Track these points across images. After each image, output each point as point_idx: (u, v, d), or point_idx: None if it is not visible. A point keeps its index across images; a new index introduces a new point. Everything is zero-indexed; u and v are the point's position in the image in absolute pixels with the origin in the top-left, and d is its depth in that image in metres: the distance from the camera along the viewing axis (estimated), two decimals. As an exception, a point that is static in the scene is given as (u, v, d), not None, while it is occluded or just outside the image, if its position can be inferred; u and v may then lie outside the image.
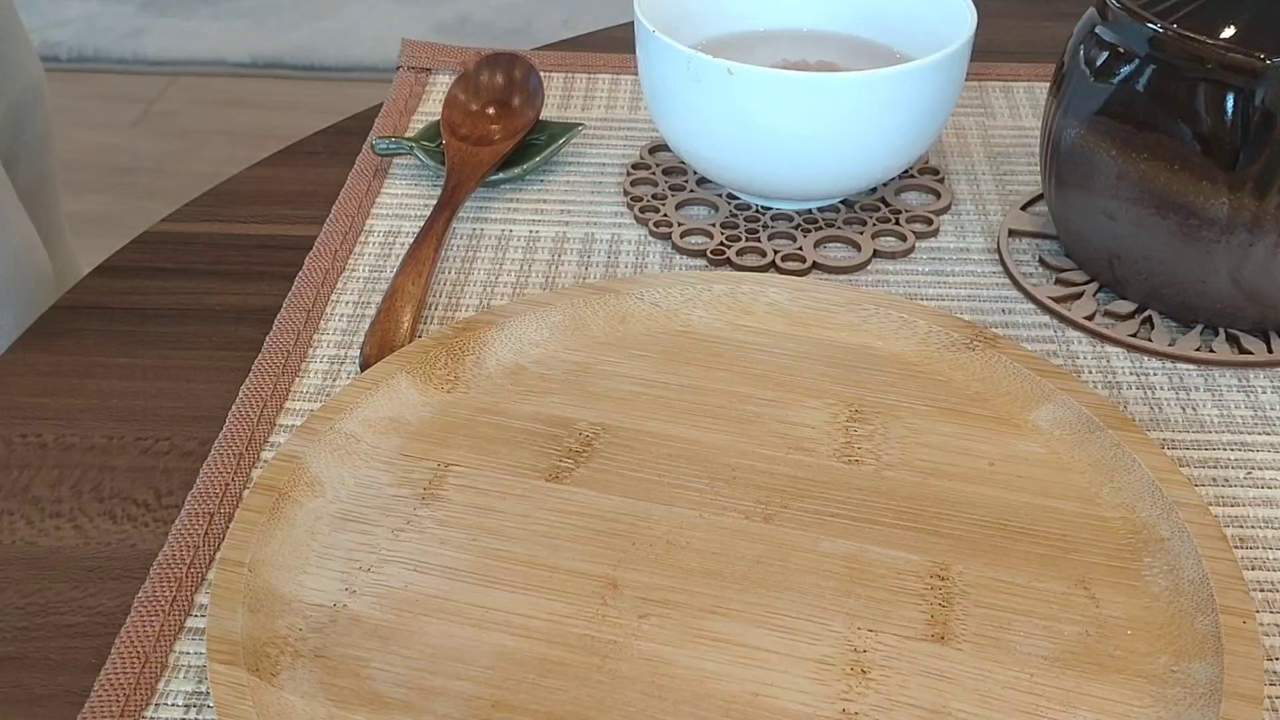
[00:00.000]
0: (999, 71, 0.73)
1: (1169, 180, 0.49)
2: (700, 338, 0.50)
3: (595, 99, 0.70)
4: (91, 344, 0.52)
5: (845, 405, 0.47)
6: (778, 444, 0.45)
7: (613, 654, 0.37)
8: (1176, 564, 0.40)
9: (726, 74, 0.53)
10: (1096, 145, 0.51)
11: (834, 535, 0.41)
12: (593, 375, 0.48)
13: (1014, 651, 0.38)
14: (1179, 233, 0.50)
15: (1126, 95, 0.50)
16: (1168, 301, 0.52)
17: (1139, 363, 0.51)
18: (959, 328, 0.49)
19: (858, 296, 0.51)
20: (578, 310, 0.50)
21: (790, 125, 0.54)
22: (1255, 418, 0.48)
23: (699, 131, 0.57)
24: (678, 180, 0.62)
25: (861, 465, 0.44)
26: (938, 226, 0.59)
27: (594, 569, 0.40)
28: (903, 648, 0.38)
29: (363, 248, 0.58)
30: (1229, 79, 0.47)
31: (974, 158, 0.65)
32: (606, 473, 0.44)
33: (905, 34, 0.62)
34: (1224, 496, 0.45)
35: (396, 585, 0.40)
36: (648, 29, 0.56)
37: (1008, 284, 0.56)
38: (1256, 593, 0.41)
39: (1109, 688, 0.37)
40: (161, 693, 0.38)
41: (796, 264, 0.56)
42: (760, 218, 0.59)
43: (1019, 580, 0.40)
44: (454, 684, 0.37)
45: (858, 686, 0.37)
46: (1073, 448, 0.45)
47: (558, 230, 0.59)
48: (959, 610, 0.39)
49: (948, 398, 0.47)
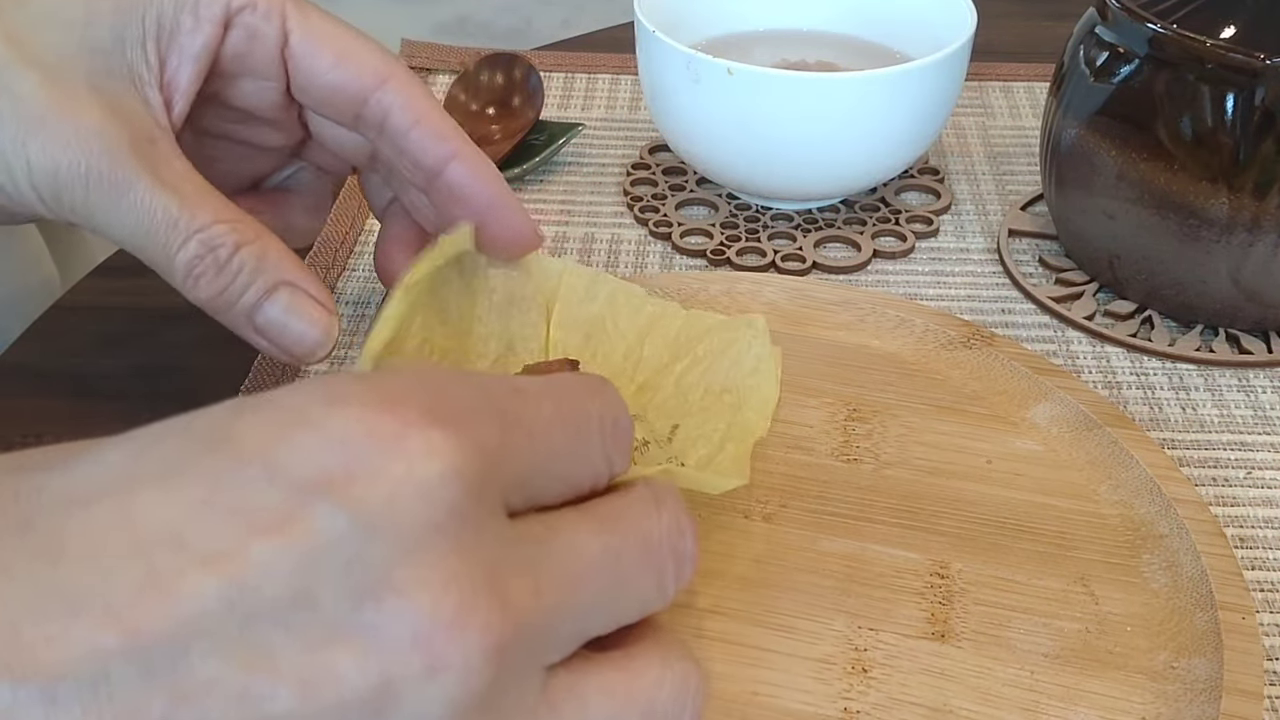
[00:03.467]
0: (999, 71, 0.73)
1: (1169, 180, 0.49)
2: (700, 337, 0.50)
3: (595, 99, 0.71)
4: (91, 344, 0.53)
5: (843, 404, 0.47)
6: (776, 443, 0.45)
7: (613, 653, 0.37)
8: (1175, 560, 0.40)
9: (726, 74, 0.53)
10: (1096, 145, 0.51)
11: (833, 534, 0.41)
12: (593, 375, 0.48)
13: (1014, 649, 0.38)
14: (1179, 233, 0.50)
15: (1126, 95, 0.50)
16: (1168, 301, 0.52)
17: (1139, 363, 0.51)
18: (956, 326, 0.49)
19: (854, 296, 0.51)
20: (578, 310, 0.50)
21: (790, 125, 0.54)
22: (1255, 418, 0.48)
23: (699, 131, 0.57)
24: (678, 180, 0.62)
25: (860, 464, 0.44)
26: (938, 226, 0.59)
27: (594, 568, 0.40)
28: (903, 646, 0.38)
29: (363, 248, 0.58)
30: (1229, 79, 0.47)
31: (974, 158, 0.65)
32: (606, 472, 0.44)
33: (905, 34, 0.62)
34: (1224, 496, 0.45)
35: (397, 584, 0.40)
36: (648, 29, 0.56)
37: (1008, 284, 0.56)
38: (1256, 592, 0.41)
39: (1109, 684, 0.37)
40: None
41: (796, 264, 0.56)
42: (760, 218, 0.60)
43: (1019, 578, 0.40)
44: (454, 683, 0.36)
45: (859, 685, 0.37)
46: (1071, 445, 0.45)
47: (558, 230, 0.59)
48: (959, 608, 0.39)
49: (945, 396, 0.47)
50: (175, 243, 0.37)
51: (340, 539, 0.21)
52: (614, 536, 0.26)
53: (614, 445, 0.27)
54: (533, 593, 0.24)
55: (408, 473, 0.22)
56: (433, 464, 0.22)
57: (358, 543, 0.21)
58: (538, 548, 0.24)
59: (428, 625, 0.22)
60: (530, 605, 0.23)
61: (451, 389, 0.24)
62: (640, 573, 0.27)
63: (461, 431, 0.23)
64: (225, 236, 0.37)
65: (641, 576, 0.27)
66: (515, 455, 0.24)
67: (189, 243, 0.37)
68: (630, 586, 0.26)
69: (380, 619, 0.21)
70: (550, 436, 0.25)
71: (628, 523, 0.26)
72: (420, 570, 0.22)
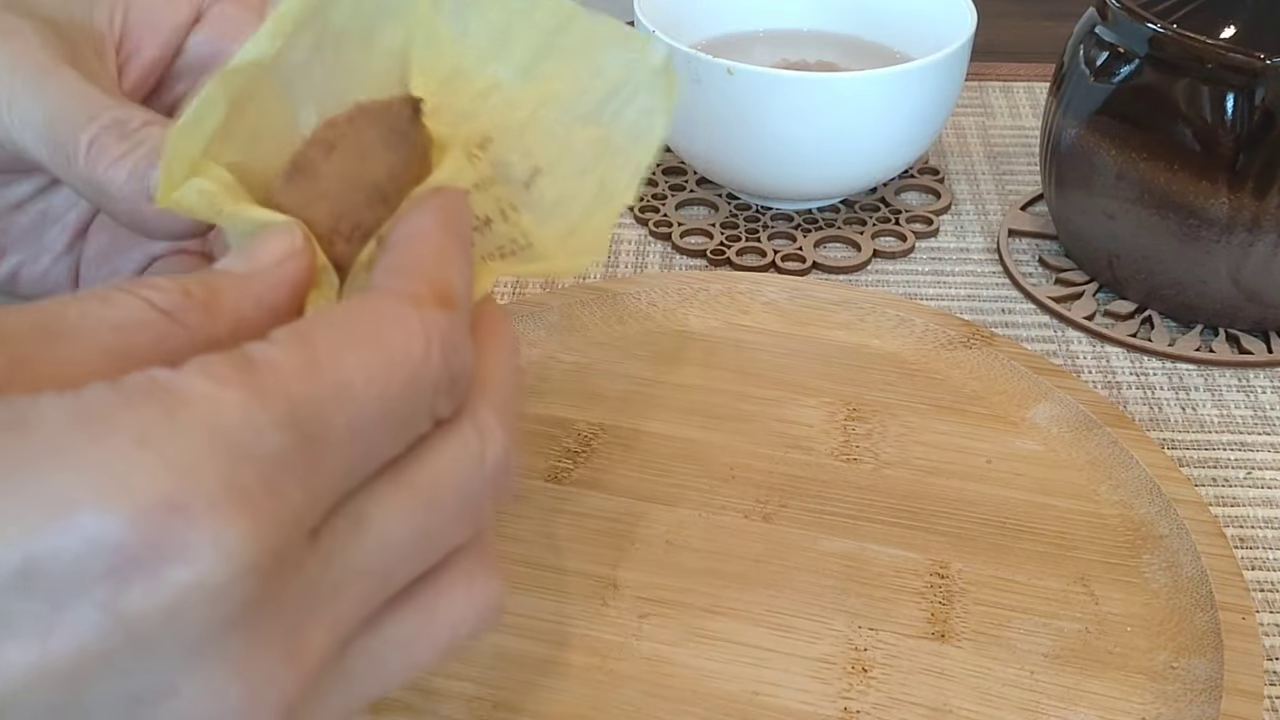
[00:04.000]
0: (999, 71, 0.73)
1: (1169, 180, 0.49)
2: (698, 337, 0.50)
3: (595, 100, 0.70)
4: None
5: (843, 404, 0.47)
6: (776, 443, 0.45)
7: (613, 654, 0.37)
8: (1175, 560, 0.40)
9: (726, 74, 0.53)
10: (1096, 145, 0.51)
11: (833, 534, 0.41)
12: (591, 375, 0.48)
13: (1014, 649, 0.38)
14: (1179, 233, 0.50)
15: (1126, 95, 0.50)
16: (1168, 301, 0.52)
17: (1139, 362, 0.51)
18: (956, 326, 0.49)
19: (854, 295, 0.51)
20: (575, 311, 0.50)
21: (790, 125, 0.54)
22: (1255, 418, 0.48)
23: (699, 131, 0.57)
24: (678, 180, 0.62)
25: (860, 464, 0.44)
26: (938, 226, 0.59)
27: (594, 569, 0.40)
28: (903, 646, 0.38)
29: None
30: (1229, 79, 0.47)
31: (974, 158, 0.65)
32: (605, 473, 0.44)
33: (905, 34, 0.62)
34: (1224, 496, 0.45)
35: (396, 584, 0.40)
36: (648, 29, 0.56)
37: (1008, 284, 0.56)
38: (1256, 593, 0.41)
39: (1109, 684, 0.37)
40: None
41: (796, 264, 0.56)
42: (760, 218, 0.60)
43: (1018, 578, 0.40)
44: (455, 685, 0.36)
45: (859, 685, 0.37)
46: (1070, 445, 0.45)
47: (557, 230, 0.59)
48: (959, 608, 0.39)
49: (945, 396, 0.47)
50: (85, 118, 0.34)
51: (113, 651, 0.20)
52: (430, 514, 0.25)
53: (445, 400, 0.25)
54: (333, 626, 0.23)
55: (195, 580, 0.20)
56: (224, 567, 0.20)
57: (134, 654, 0.20)
58: (343, 561, 0.23)
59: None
60: (326, 645, 0.23)
61: (246, 442, 0.21)
62: (455, 529, 0.25)
63: (260, 512, 0.21)
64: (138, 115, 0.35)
65: (456, 532, 0.26)
66: (323, 482, 0.22)
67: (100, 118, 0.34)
68: (443, 544, 0.25)
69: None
70: (367, 437, 0.23)
71: (447, 490, 0.25)
72: (209, 669, 0.21)
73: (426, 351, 0.24)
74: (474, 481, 0.25)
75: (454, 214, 0.27)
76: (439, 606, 0.26)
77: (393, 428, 0.24)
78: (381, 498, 0.24)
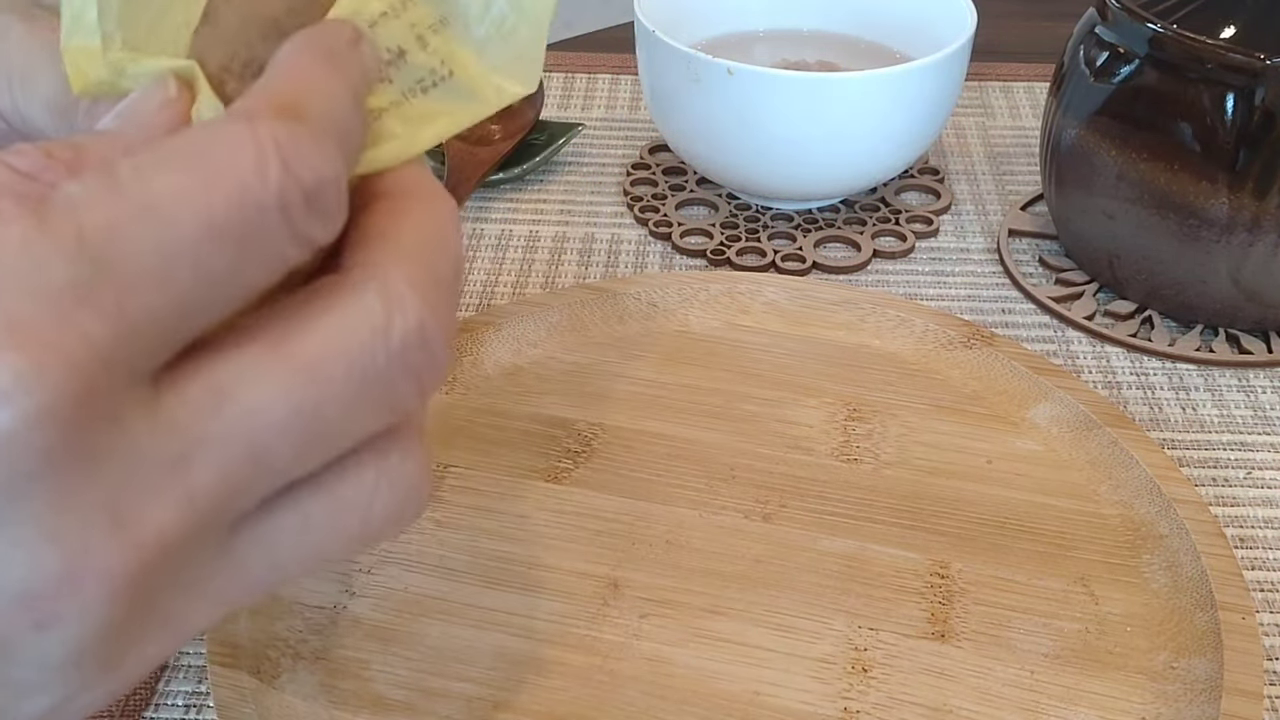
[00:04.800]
0: (999, 71, 0.73)
1: (1169, 180, 0.49)
2: (698, 337, 0.50)
3: (595, 99, 0.71)
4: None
5: (843, 404, 0.47)
6: (776, 443, 0.45)
7: (613, 654, 0.37)
8: (1175, 561, 0.40)
9: (726, 74, 0.53)
10: (1096, 145, 0.51)
11: (833, 534, 0.41)
12: (591, 375, 0.48)
13: (1014, 649, 0.38)
14: (1179, 233, 0.50)
15: (1126, 95, 0.50)
16: (1168, 301, 0.52)
17: (1139, 362, 0.51)
18: (956, 326, 0.49)
19: (854, 295, 0.51)
20: (575, 311, 0.50)
21: (790, 125, 0.54)
22: (1255, 418, 0.48)
23: (699, 131, 0.57)
24: (678, 180, 0.62)
25: (860, 464, 0.44)
26: (938, 226, 0.59)
27: (594, 569, 0.40)
28: (903, 646, 0.38)
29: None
30: (1229, 79, 0.47)
31: (974, 158, 0.65)
32: (605, 473, 0.44)
33: (905, 34, 0.62)
34: (1224, 496, 0.45)
35: (396, 586, 0.40)
36: (648, 29, 0.56)
37: (1008, 284, 0.56)
38: (1256, 593, 0.41)
39: (1109, 684, 0.37)
40: (161, 693, 0.38)
41: (796, 264, 0.56)
42: (760, 218, 0.60)
43: (1019, 578, 0.40)
44: (455, 685, 0.37)
45: (859, 685, 0.37)
46: (1071, 445, 0.45)
47: (557, 230, 0.59)
48: (959, 608, 0.39)
49: (945, 396, 0.47)
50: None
51: None
52: (316, 388, 0.22)
53: (308, 220, 0.21)
54: (184, 503, 0.21)
55: None
56: (9, 410, 0.18)
57: None
58: (194, 430, 0.21)
59: (30, 587, 0.20)
60: (175, 522, 0.21)
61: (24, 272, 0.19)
62: (359, 411, 0.23)
63: (47, 348, 0.19)
64: None
65: (361, 414, 0.23)
66: (139, 317, 0.20)
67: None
68: (345, 427, 0.23)
69: None
70: (192, 263, 0.20)
71: (337, 362, 0.22)
72: (15, 531, 0.19)
73: (259, 162, 0.21)
74: (376, 356, 0.22)
75: (321, 39, 0.24)
76: (344, 490, 0.23)
77: (228, 252, 0.20)
78: (249, 364, 0.21)
